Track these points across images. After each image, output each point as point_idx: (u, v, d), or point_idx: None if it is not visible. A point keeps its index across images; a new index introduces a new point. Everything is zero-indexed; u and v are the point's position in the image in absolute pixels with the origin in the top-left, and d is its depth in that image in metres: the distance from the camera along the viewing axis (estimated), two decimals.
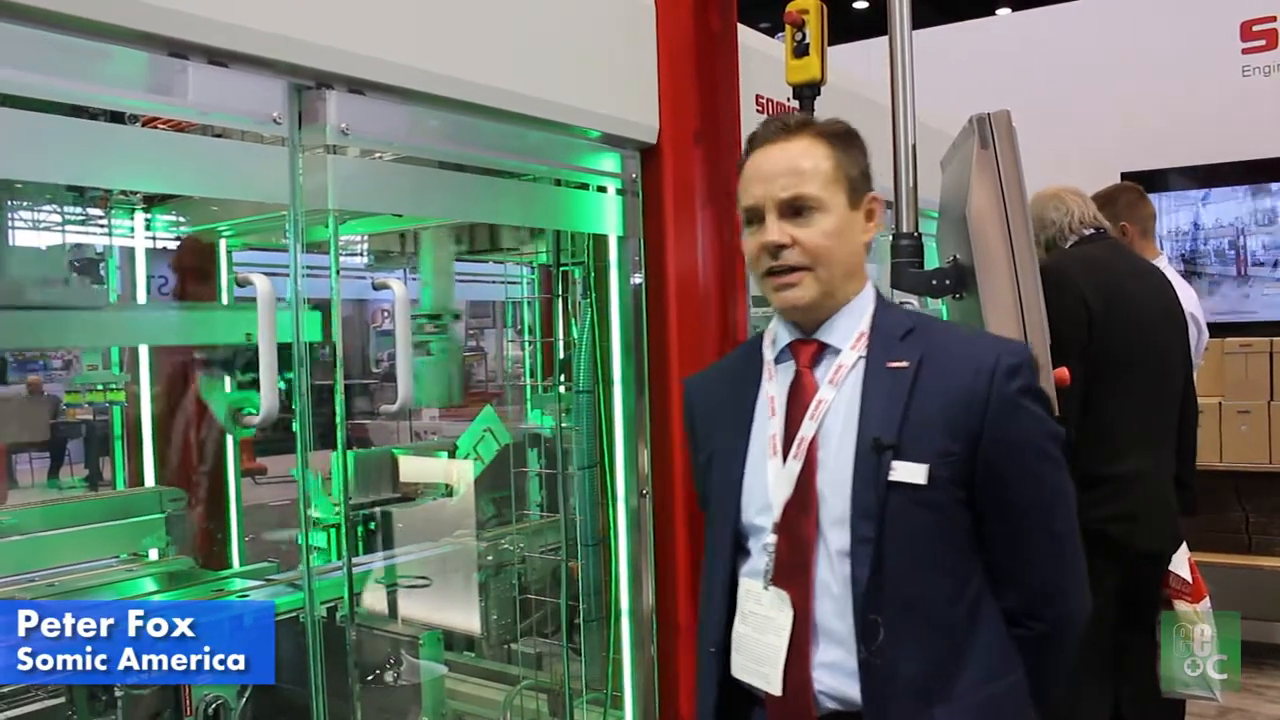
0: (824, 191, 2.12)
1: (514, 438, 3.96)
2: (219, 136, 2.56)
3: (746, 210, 2.17)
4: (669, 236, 3.32)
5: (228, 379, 3.77)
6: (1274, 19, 7.64)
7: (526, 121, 2.99)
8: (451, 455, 4.07)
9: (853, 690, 2.05)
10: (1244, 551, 7.00)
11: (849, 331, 2.17)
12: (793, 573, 2.10)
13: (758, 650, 2.14)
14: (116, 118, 2.38)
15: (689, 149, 3.36)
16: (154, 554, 3.94)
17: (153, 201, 3.89)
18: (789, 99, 3.52)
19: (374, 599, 3.68)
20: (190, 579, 3.71)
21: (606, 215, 3.31)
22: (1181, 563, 3.75)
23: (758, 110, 3.76)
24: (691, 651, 3.28)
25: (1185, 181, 7.73)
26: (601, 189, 3.30)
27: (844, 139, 2.19)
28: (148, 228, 3.95)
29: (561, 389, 3.61)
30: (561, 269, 3.65)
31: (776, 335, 2.27)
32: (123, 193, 3.70)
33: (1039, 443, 2.11)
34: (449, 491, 4.03)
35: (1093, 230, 4.28)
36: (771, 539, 2.13)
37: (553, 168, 3.19)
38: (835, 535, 2.06)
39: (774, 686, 2.11)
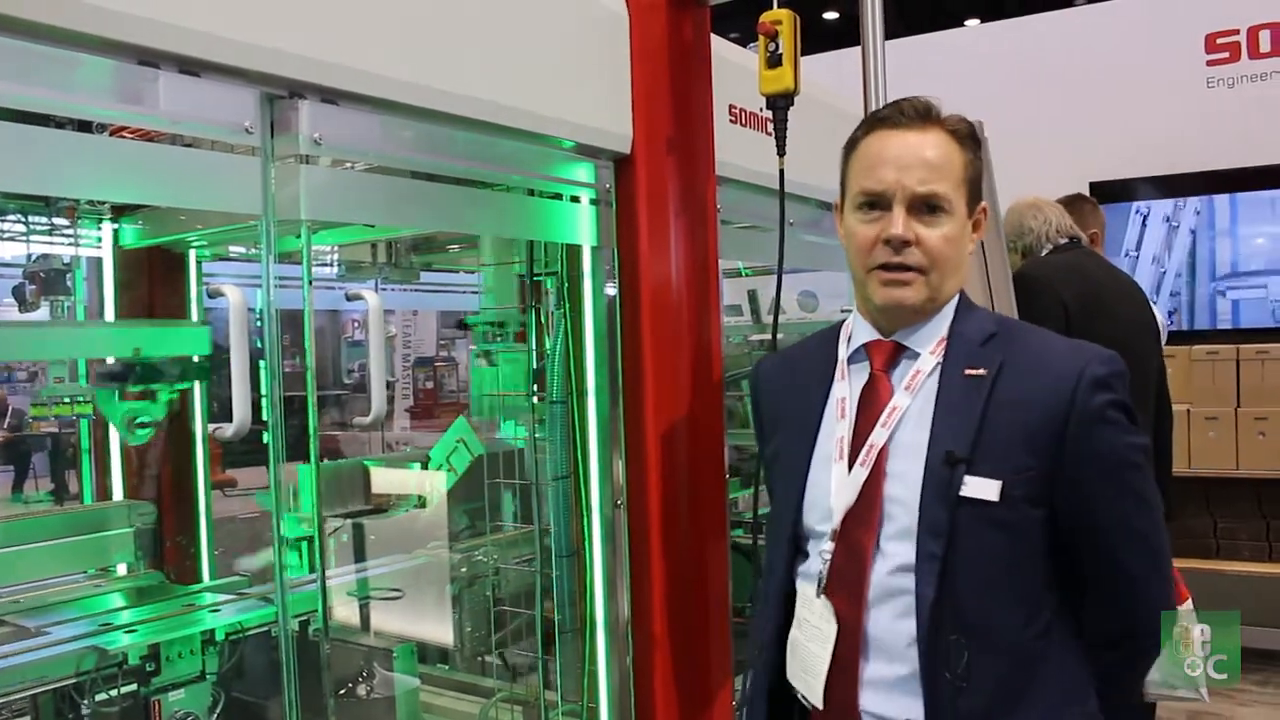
0: (954, 193, 2.05)
1: (487, 448, 3.92)
2: (188, 146, 2.53)
3: (868, 194, 2.07)
4: (643, 246, 3.29)
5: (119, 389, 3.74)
6: (1237, 32, 7.72)
7: (500, 131, 2.96)
8: (424, 466, 4.04)
9: (899, 711, 1.98)
10: (1211, 556, 7.05)
11: (930, 336, 2.10)
12: (847, 583, 2.03)
13: (806, 658, 2.09)
14: (84, 127, 2.34)
15: (663, 159, 3.33)
16: (123, 569, 3.90)
17: (121, 212, 3.86)
18: (762, 109, 3.50)
19: (347, 612, 3.64)
20: (160, 594, 3.67)
21: (580, 225, 3.28)
22: None
23: (731, 121, 3.74)
24: (669, 663, 3.28)
25: (1151, 191, 7.79)
26: (575, 199, 3.27)
27: (970, 140, 2.11)
28: (115, 239, 3.92)
29: (535, 400, 3.58)
30: (535, 279, 3.63)
31: (853, 332, 2.19)
32: (90, 202, 3.66)
33: (1126, 454, 2.00)
34: (421, 503, 3.99)
35: (1068, 239, 4.31)
36: (828, 547, 2.06)
37: (526, 177, 3.15)
38: (897, 549, 1.98)
39: (816, 697, 2.06)
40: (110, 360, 3.53)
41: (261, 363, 2.67)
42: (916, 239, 2.03)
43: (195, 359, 3.63)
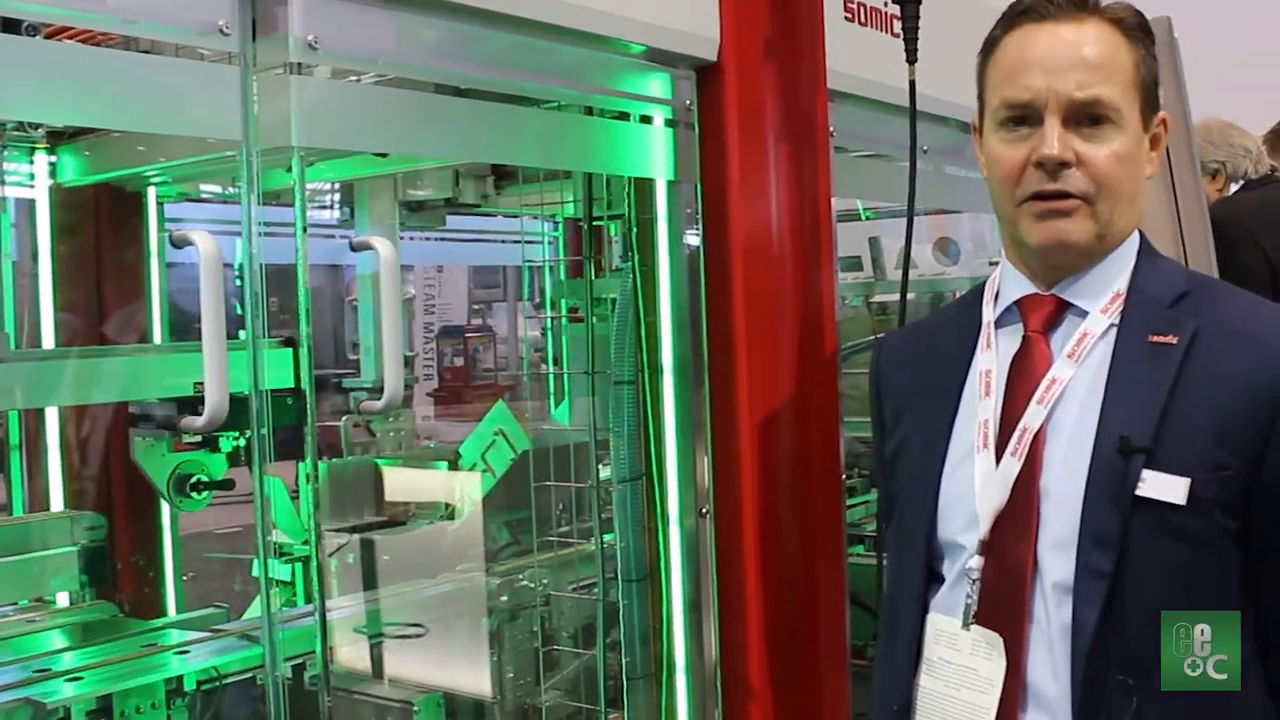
0: (1123, 99, 2.02)
1: (534, 442, 3.92)
2: (146, 53, 2.51)
3: (1011, 106, 2.05)
4: (733, 180, 3.26)
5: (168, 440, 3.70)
6: None
7: (548, 32, 2.91)
8: (453, 466, 4.04)
9: None
10: None
11: (1101, 288, 2.07)
12: (1003, 611, 2.00)
13: (951, 712, 2.05)
14: (11, 27, 2.33)
15: (759, 68, 3.29)
16: (64, 598, 3.91)
17: (60, 139, 3.86)
18: (887, 3, 3.46)
19: (353, 653, 3.65)
20: (113, 630, 3.68)
21: (652, 153, 3.25)
22: None
23: (846, 18, 3.69)
24: (770, 715, 3.25)
25: None
26: (646, 119, 3.24)
27: (1140, 33, 2.08)
28: (52, 174, 3.92)
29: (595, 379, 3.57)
30: (594, 224, 3.61)
31: (1000, 287, 2.17)
32: (19, 126, 3.67)
33: None
34: (449, 513, 4.00)
35: (1268, 172, 4.29)
36: (975, 563, 2.03)
37: (583, 92, 3.13)
38: (1055, 563, 1.96)
39: None
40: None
41: (242, 333, 2.65)
42: (1077, 159, 2.01)
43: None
